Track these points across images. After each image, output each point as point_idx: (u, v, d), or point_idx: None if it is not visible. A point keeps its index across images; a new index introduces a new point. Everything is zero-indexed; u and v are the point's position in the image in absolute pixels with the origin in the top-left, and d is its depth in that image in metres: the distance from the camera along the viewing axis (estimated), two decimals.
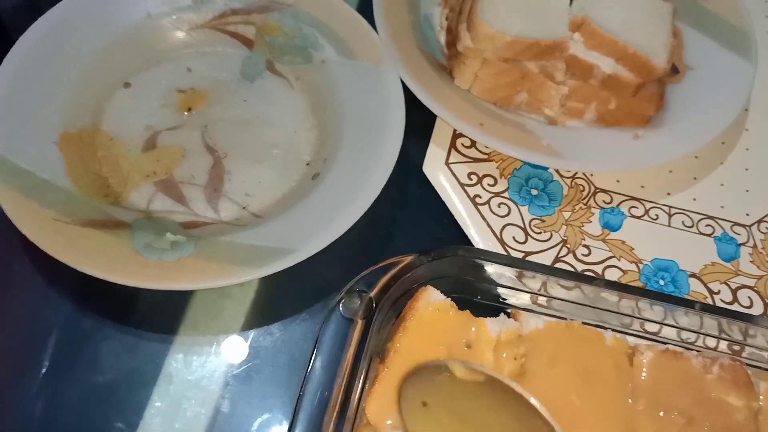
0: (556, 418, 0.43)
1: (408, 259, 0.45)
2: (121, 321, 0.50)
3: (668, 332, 0.49)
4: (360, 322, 0.43)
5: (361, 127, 0.55)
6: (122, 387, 0.47)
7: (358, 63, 0.58)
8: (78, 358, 0.48)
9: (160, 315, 0.50)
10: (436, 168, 0.58)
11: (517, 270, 0.47)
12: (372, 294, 0.44)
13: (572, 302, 0.48)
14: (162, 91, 0.58)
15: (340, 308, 0.43)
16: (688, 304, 0.47)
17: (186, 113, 0.57)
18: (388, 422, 0.42)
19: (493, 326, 0.46)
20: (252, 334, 0.50)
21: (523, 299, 0.49)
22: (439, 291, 0.46)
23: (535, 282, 0.48)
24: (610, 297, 0.47)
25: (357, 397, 0.42)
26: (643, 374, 0.45)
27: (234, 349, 0.49)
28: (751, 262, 0.56)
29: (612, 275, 0.55)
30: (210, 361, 0.49)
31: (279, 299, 0.51)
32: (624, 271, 0.55)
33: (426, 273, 0.47)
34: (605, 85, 0.57)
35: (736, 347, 0.48)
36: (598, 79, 0.57)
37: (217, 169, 0.54)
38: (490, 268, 0.47)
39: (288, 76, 0.60)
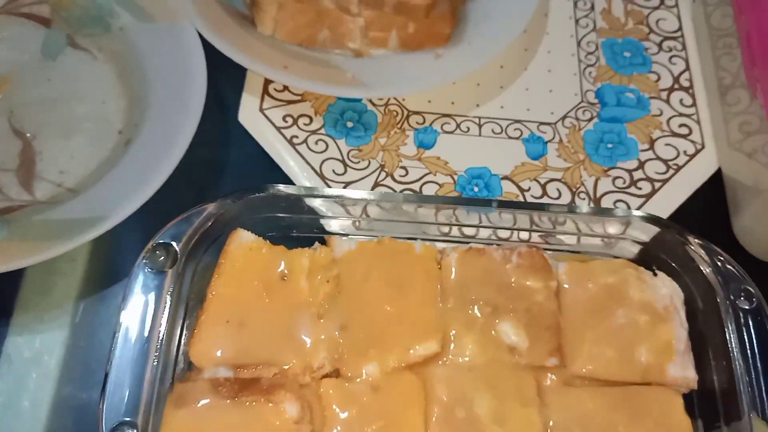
0: (372, 328, 0.46)
1: (211, 206, 0.47)
2: None
3: (485, 234, 0.53)
4: (169, 272, 0.45)
5: (166, 87, 0.56)
6: None
7: (156, 24, 0.58)
8: None
9: None
10: (251, 116, 0.60)
11: (317, 198, 0.49)
12: (178, 246, 0.45)
13: (383, 220, 0.51)
14: None
15: (145, 263, 0.44)
16: (485, 203, 0.51)
17: None
18: (213, 363, 0.45)
19: (305, 255, 0.48)
20: (84, 304, 0.51)
21: (339, 226, 0.51)
22: (249, 231, 0.48)
23: (355, 209, 0.51)
24: (413, 209, 0.50)
25: (177, 343, 0.45)
26: (451, 274, 0.49)
27: (68, 321, 0.51)
28: (558, 156, 0.60)
29: (429, 190, 0.58)
30: (46, 337, 0.50)
31: (108, 267, 0.53)
32: (440, 185, 0.58)
33: (236, 216, 0.49)
34: (399, 11, 0.59)
35: (545, 236, 0.52)
36: (391, 6, 0.59)
37: (27, 152, 0.55)
38: (295, 200, 0.50)
39: (90, 48, 0.60)
